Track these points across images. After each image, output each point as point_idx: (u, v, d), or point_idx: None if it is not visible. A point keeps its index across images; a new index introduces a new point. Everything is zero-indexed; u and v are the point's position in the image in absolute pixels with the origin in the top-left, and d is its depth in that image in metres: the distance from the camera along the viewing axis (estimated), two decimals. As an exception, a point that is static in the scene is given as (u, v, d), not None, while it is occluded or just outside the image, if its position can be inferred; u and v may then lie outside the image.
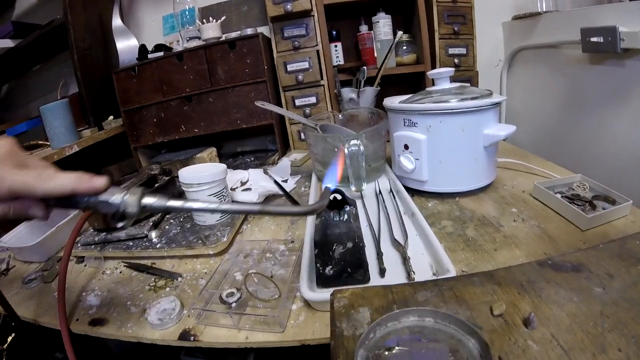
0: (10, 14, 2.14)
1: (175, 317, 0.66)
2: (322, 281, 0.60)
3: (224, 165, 0.94)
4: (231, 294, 0.63)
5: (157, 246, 0.90)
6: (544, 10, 1.40)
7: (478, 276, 0.31)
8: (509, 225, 0.79)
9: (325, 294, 0.57)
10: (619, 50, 1.02)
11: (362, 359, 0.22)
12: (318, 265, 0.60)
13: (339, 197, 0.65)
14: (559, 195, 0.83)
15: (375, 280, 0.62)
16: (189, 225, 0.97)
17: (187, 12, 1.55)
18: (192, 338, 0.62)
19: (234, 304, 0.62)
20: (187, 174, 0.92)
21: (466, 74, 1.51)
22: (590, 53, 1.15)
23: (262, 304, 0.63)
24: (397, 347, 0.24)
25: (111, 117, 1.65)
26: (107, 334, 0.70)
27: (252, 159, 1.56)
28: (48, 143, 1.53)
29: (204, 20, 1.47)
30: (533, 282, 0.30)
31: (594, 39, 1.09)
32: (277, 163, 1.41)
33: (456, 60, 1.49)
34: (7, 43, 1.71)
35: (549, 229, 0.75)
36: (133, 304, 0.75)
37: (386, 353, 0.24)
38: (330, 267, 0.59)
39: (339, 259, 0.59)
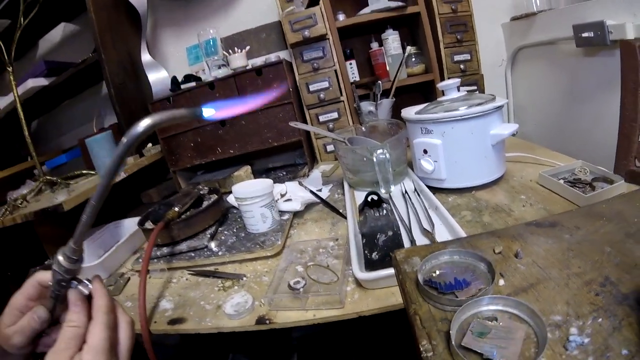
0: (34, 53, 2.34)
1: (249, 307, 0.82)
2: (370, 265, 0.77)
3: (270, 181, 1.12)
4: (297, 282, 0.81)
5: (219, 254, 1.07)
6: (539, 9, 1.53)
7: (485, 234, 0.47)
8: (519, 210, 0.94)
9: (374, 274, 0.75)
10: (608, 43, 1.14)
11: (421, 281, 0.39)
12: (366, 252, 0.77)
13: (375, 197, 0.83)
14: (561, 181, 0.97)
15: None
16: (242, 235, 1.15)
17: (210, 42, 1.75)
18: (267, 322, 0.79)
19: (300, 289, 0.80)
20: (240, 190, 1.10)
21: (472, 78, 1.67)
22: (584, 47, 1.29)
23: (322, 287, 0.80)
24: (438, 271, 0.42)
25: (150, 145, 1.85)
26: (187, 330, 0.85)
27: (284, 173, 1.74)
28: (92, 172, 1.72)
29: (230, 51, 1.66)
30: (521, 234, 0.46)
31: (585, 34, 1.22)
32: (308, 175, 1.59)
33: (462, 66, 1.65)
34: (42, 81, 1.89)
35: (553, 210, 0.90)
36: (207, 302, 0.91)
37: (433, 274, 0.42)
38: (376, 252, 0.76)
39: (382, 245, 0.76)
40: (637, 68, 0.63)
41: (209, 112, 0.58)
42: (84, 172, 1.77)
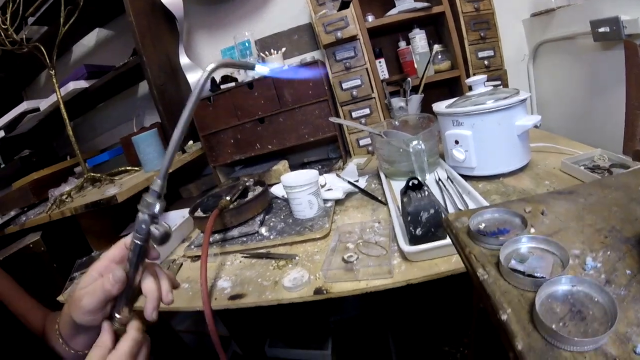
0: (68, 57, 2.52)
1: (306, 281, 0.96)
2: (415, 239, 0.91)
3: (315, 171, 1.27)
4: (350, 256, 0.96)
5: (271, 237, 1.22)
6: (558, 5, 1.63)
7: (516, 200, 0.61)
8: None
9: (420, 246, 0.89)
10: (623, 37, 1.22)
11: (471, 230, 0.53)
12: (410, 228, 0.91)
13: (415, 182, 0.97)
14: (582, 167, 1.10)
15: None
16: (290, 220, 1.30)
17: (246, 44, 1.91)
18: (324, 292, 0.92)
19: (354, 261, 0.94)
20: (289, 179, 1.25)
21: (496, 73, 1.79)
22: (601, 42, 1.37)
23: (372, 260, 0.95)
24: (483, 224, 0.56)
25: (191, 142, 2.01)
26: (247, 304, 0.98)
27: (320, 166, 1.90)
28: (136, 168, 1.89)
29: (266, 52, 1.81)
30: (545, 199, 0.59)
31: (601, 30, 1.31)
32: (343, 168, 1.73)
33: (486, 62, 1.77)
34: (82, 84, 2.05)
35: None
36: (264, 279, 1.04)
37: (479, 227, 0.56)
38: (420, 228, 0.90)
39: (425, 222, 0.90)
40: (639, 64, 0.77)
41: (261, 69, 0.71)
42: (128, 168, 1.93)
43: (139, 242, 0.61)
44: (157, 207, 0.60)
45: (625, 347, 0.34)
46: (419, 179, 0.97)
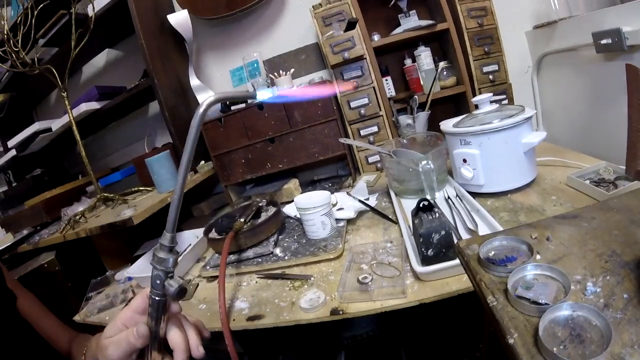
0: (78, 77, 2.61)
1: (322, 301, 1.00)
2: (427, 260, 0.96)
3: (328, 192, 1.33)
4: (365, 277, 1.01)
5: (285, 258, 1.27)
6: (559, 17, 1.67)
7: (524, 226, 0.66)
8: (550, 209, 1.11)
9: (432, 267, 0.93)
10: (625, 48, 1.27)
11: (481, 258, 0.59)
12: (422, 249, 0.96)
13: (426, 203, 1.02)
14: (587, 181, 1.14)
15: (460, 256, 0.98)
16: (304, 241, 1.35)
17: (255, 65, 1.97)
18: (340, 312, 0.96)
19: (369, 283, 0.99)
20: (303, 200, 1.31)
21: (501, 88, 1.84)
22: (603, 53, 1.41)
23: (386, 281, 0.99)
24: (492, 252, 0.61)
25: (202, 162, 2.07)
26: (266, 324, 1.02)
27: (330, 184, 1.95)
28: (149, 189, 1.94)
29: (275, 74, 1.88)
30: (550, 224, 0.64)
31: (603, 41, 1.35)
32: (352, 186, 1.79)
33: (491, 77, 1.82)
34: (94, 105, 2.12)
35: (580, 207, 1.09)
36: (281, 300, 1.09)
37: (489, 254, 0.61)
38: (431, 249, 0.95)
39: (436, 243, 0.95)
40: (640, 89, 0.82)
41: (263, 95, 0.74)
42: (141, 188, 1.99)
43: (156, 297, 0.64)
44: (171, 262, 0.63)
45: (621, 367, 0.39)
46: (429, 199, 1.02)
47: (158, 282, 0.63)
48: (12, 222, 2.25)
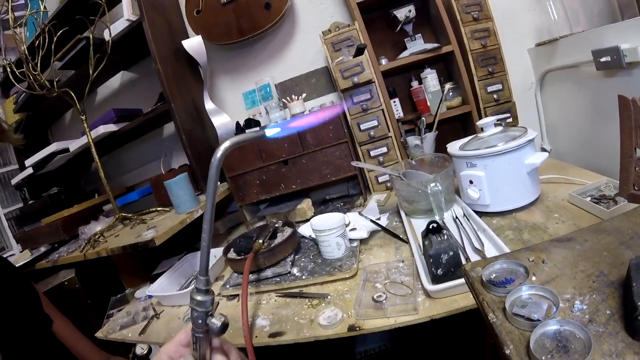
0: (93, 98, 2.74)
1: (340, 319, 1.09)
2: (436, 279, 1.05)
3: (342, 214, 1.42)
4: (380, 296, 1.10)
5: (303, 277, 1.36)
6: (560, 35, 1.76)
7: (523, 249, 0.75)
8: (553, 226, 1.19)
9: (441, 285, 1.02)
10: (624, 65, 1.34)
11: (484, 280, 0.68)
12: (432, 269, 1.06)
13: (435, 225, 1.12)
14: (588, 199, 1.22)
15: (468, 274, 1.07)
16: (319, 260, 1.44)
17: (267, 89, 2.08)
18: (357, 329, 1.04)
19: (383, 301, 1.08)
20: (318, 222, 1.40)
21: (505, 106, 1.93)
22: (603, 70, 1.48)
23: (399, 299, 1.09)
24: (494, 274, 0.71)
25: (218, 183, 2.17)
26: (287, 341, 1.10)
27: (342, 203, 2.05)
28: (166, 209, 2.04)
29: (288, 98, 1.99)
30: (547, 248, 0.73)
31: (603, 59, 1.42)
32: (364, 205, 1.88)
33: (495, 96, 1.91)
34: (111, 127, 2.24)
35: (581, 224, 1.14)
36: (300, 318, 1.17)
37: (491, 276, 0.70)
38: (441, 269, 1.04)
39: (445, 263, 1.04)
40: (631, 117, 0.91)
41: (271, 131, 0.81)
42: (159, 209, 2.09)
43: (199, 335, 0.70)
44: (209, 303, 0.68)
45: (599, 373, 0.49)
46: (438, 221, 1.12)
47: (200, 321, 0.68)
48: (29, 238, 2.36)
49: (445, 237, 1.07)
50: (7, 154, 3.08)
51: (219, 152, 0.70)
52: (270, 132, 0.80)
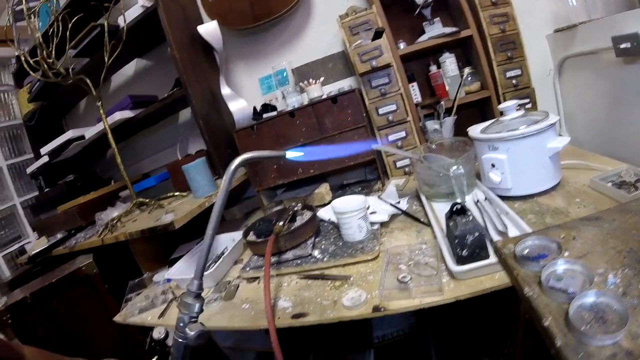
0: (108, 86, 2.77)
1: (364, 300, 1.11)
2: (461, 260, 1.07)
3: (363, 196, 1.45)
4: (404, 277, 1.12)
5: (324, 260, 1.39)
6: (579, 20, 1.74)
7: (553, 227, 0.77)
8: (575, 211, 1.20)
9: (467, 266, 1.04)
10: None
11: (517, 256, 0.70)
12: (457, 250, 1.08)
13: (459, 207, 1.14)
14: (609, 184, 1.24)
15: (492, 256, 1.07)
16: (340, 243, 1.46)
17: (284, 74, 2.10)
18: (382, 309, 1.06)
19: (408, 282, 1.11)
20: (340, 205, 1.43)
21: (524, 92, 1.93)
22: (623, 57, 1.47)
23: (424, 280, 1.11)
24: (526, 250, 0.73)
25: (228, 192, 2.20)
26: (310, 322, 1.12)
27: (360, 188, 2.07)
28: (184, 194, 2.07)
29: (306, 82, 2.00)
30: (576, 226, 0.75)
31: (623, 46, 1.42)
32: (382, 190, 1.90)
33: (514, 82, 1.92)
34: (127, 114, 2.27)
35: (602, 209, 1.14)
36: (323, 299, 1.19)
37: (523, 252, 0.73)
38: (466, 250, 1.06)
39: (470, 244, 1.06)
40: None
41: (292, 154, 0.81)
42: (176, 193, 2.12)
43: (179, 339, 0.70)
44: (196, 308, 0.69)
45: (636, 342, 0.50)
46: (461, 203, 1.14)
47: (182, 324, 0.70)
48: (45, 226, 2.40)
49: (471, 218, 1.09)
50: (22, 143, 3.11)
51: (234, 164, 0.71)
52: (290, 155, 0.79)
